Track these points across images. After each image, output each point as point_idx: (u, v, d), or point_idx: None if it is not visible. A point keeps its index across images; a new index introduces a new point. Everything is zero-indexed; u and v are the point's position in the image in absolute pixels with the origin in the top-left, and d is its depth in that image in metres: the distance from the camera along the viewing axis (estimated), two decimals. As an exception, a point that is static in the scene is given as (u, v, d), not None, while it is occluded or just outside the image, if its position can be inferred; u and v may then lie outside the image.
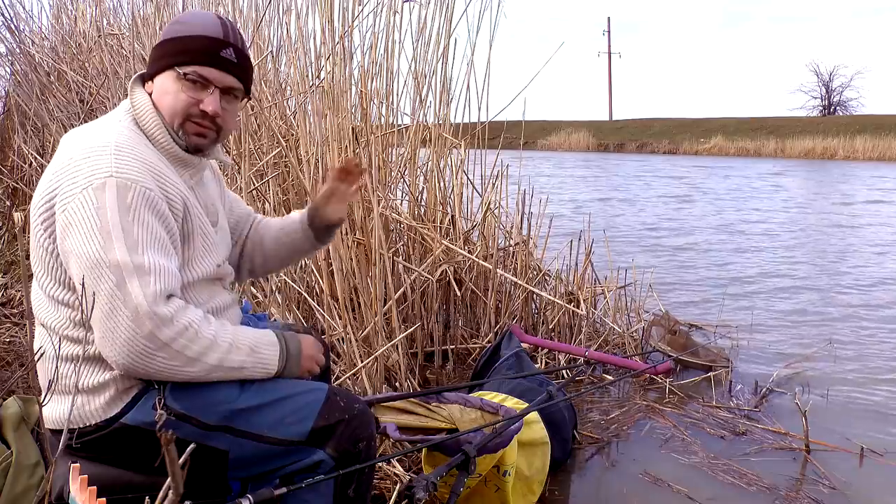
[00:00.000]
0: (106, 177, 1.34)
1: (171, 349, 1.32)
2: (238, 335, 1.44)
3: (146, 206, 1.36)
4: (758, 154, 33.29)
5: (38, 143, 4.71)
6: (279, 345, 1.51)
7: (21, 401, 1.73)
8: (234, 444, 1.44)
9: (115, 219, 1.32)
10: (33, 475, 1.61)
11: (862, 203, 13.13)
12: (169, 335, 1.31)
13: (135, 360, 1.31)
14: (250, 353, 1.44)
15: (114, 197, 1.33)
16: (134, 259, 1.31)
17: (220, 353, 1.38)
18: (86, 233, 1.32)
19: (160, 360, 1.32)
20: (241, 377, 1.44)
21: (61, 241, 1.35)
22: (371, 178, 3.23)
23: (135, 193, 1.35)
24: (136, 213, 1.34)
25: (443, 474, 1.77)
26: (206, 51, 1.48)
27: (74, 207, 1.33)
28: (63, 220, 1.34)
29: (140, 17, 4.31)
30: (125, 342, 1.30)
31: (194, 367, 1.36)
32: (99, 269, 1.30)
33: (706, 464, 2.68)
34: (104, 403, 1.40)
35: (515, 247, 3.93)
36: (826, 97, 49.69)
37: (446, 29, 3.68)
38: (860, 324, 4.83)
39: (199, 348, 1.35)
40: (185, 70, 1.47)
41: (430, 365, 3.59)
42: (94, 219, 1.32)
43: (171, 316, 1.32)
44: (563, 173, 19.65)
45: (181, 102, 1.48)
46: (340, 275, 3.00)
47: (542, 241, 4.12)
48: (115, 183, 1.33)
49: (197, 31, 1.48)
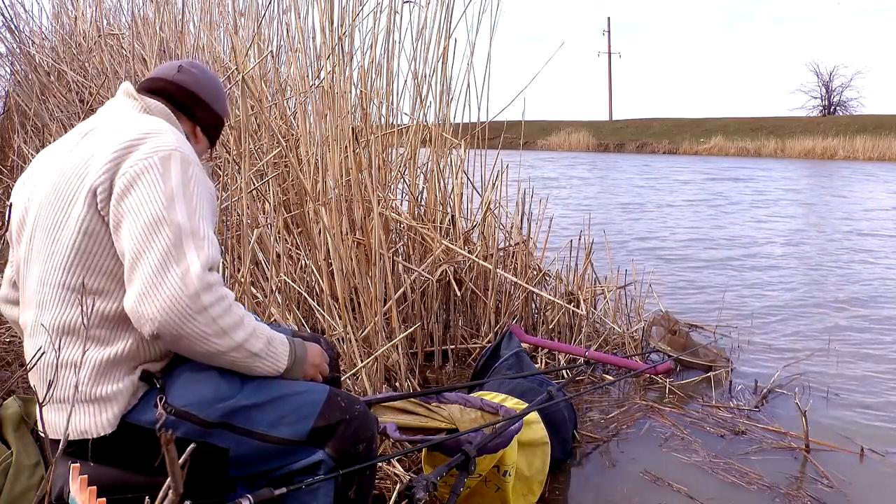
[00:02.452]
0: (171, 150, 1.43)
1: (209, 314, 1.33)
2: (259, 324, 1.46)
3: (202, 182, 1.46)
4: (758, 154, 33.27)
5: (38, 143, 4.70)
6: (289, 345, 1.52)
7: (21, 401, 1.73)
8: (233, 442, 1.44)
9: (178, 186, 1.39)
10: (33, 475, 1.61)
11: (876, 210, 13.09)
12: (210, 300, 1.33)
13: (172, 319, 1.31)
14: (267, 343, 1.46)
15: (178, 167, 1.41)
16: (192, 224, 1.37)
17: (245, 333, 1.40)
18: (150, 193, 1.37)
19: (195, 323, 1.33)
20: (252, 366, 1.44)
21: (118, 202, 1.37)
22: (371, 178, 3.24)
23: (195, 167, 1.45)
24: (196, 186, 1.43)
25: (443, 474, 1.77)
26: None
27: (139, 169, 1.38)
28: (124, 182, 1.38)
29: (140, 17, 4.31)
30: (168, 298, 1.31)
31: (222, 340, 1.36)
32: (158, 225, 1.34)
33: (706, 463, 2.68)
34: (118, 411, 1.39)
35: (515, 247, 3.93)
36: (826, 97, 49.67)
37: (446, 29, 3.69)
38: (860, 324, 4.82)
39: (231, 322, 1.37)
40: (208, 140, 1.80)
41: (430, 365, 3.59)
42: (159, 182, 1.38)
43: (215, 282, 1.35)
44: (569, 172, 19.65)
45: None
46: (340, 275, 3.00)
47: (544, 240, 4.12)
48: (179, 156, 1.43)
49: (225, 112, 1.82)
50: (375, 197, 3.06)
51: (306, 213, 3.32)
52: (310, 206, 3.24)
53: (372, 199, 3.04)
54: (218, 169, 3.52)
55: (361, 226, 3.22)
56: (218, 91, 1.76)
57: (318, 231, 3.21)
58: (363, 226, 3.21)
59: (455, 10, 3.67)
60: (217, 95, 1.75)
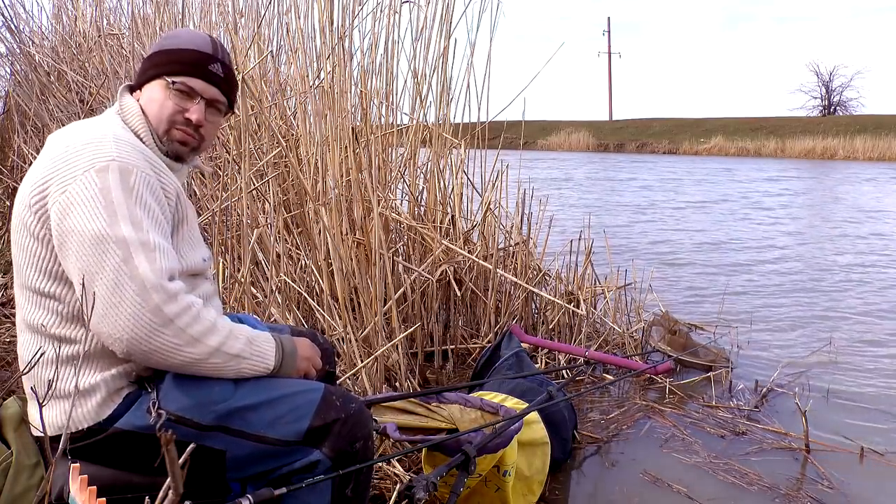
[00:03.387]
0: (108, 160, 1.38)
1: (176, 326, 1.32)
2: (235, 325, 1.45)
3: (147, 190, 1.40)
4: (758, 154, 33.28)
5: (38, 143, 4.70)
6: (275, 342, 1.52)
7: (21, 401, 1.73)
8: (230, 444, 1.44)
9: (119, 198, 1.35)
10: (33, 475, 1.61)
11: (877, 210, 13.08)
12: (174, 310, 1.32)
13: (138, 335, 1.30)
14: (248, 343, 1.45)
15: (117, 178, 1.36)
16: (140, 235, 1.34)
17: (220, 336, 1.39)
18: (90, 211, 1.33)
19: (163, 336, 1.31)
20: (238, 369, 1.43)
21: (60, 221, 1.35)
22: (371, 178, 3.24)
23: (137, 177, 1.39)
24: (139, 195, 1.38)
25: (443, 474, 1.77)
26: (195, 63, 1.56)
27: (77, 188, 1.35)
28: (63, 201, 1.35)
29: (140, 17, 4.31)
30: (130, 316, 1.29)
31: (195, 349, 1.35)
32: (104, 244, 1.31)
33: (706, 463, 2.68)
34: (95, 406, 1.40)
35: (515, 247, 3.93)
36: (826, 97, 49.68)
37: (446, 29, 3.69)
38: (860, 324, 4.82)
39: (202, 328, 1.35)
40: (174, 80, 1.55)
41: (430, 365, 3.59)
42: (98, 198, 1.34)
43: (176, 292, 1.33)
44: (569, 173, 19.64)
45: (168, 110, 1.55)
46: (340, 275, 3.00)
47: (544, 240, 4.12)
48: (117, 166, 1.38)
49: (187, 45, 1.57)
50: (375, 197, 3.06)
51: (306, 213, 3.32)
52: (310, 206, 3.24)
53: (372, 199, 3.04)
54: (218, 169, 3.52)
55: (361, 226, 3.22)
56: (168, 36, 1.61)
57: (318, 231, 3.21)
58: (363, 226, 3.21)
59: (455, 10, 3.67)
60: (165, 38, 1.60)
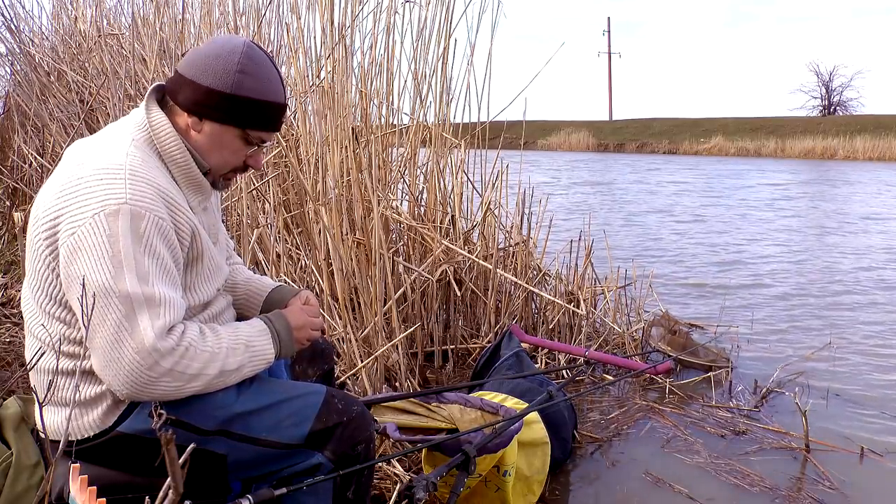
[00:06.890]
0: (120, 203, 1.31)
1: (174, 372, 1.33)
2: (231, 336, 1.44)
3: (158, 236, 1.34)
4: (758, 154, 33.27)
5: (38, 143, 4.70)
6: (269, 331, 1.50)
7: (21, 401, 1.73)
8: (232, 448, 1.44)
9: (127, 248, 1.30)
10: (33, 475, 1.61)
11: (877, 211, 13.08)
12: (170, 363, 1.32)
13: (138, 390, 1.32)
14: (246, 349, 1.44)
15: (127, 225, 1.31)
16: (144, 290, 1.30)
17: (219, 361, 1.39)
18: (97, 260, 1.30)
19: (163, 384, 1.32)
20: (242, 375, 1.44)
21: (67, 264, 1.32)
22: (371, 178, 3.23)
23: (148, 222, 1.33)
24: (149, 243, 1.33)
25: (443, 474, 1.77)
26: (278, 119, 1.52)
27: (85, 233, 1.30)
28: (71, 244, 1.31)
29: (140, 17, 4.31)
30: (128, 373, 1.30)
31: (197, 382, 1.36)
32: (108, 297, 1.29)
33: (707, 464, 2.68)
34: (100, 415, 1.41)
35: (515, 247, 3.93)
36: (826, 97, 49.63)
37: (446, 29, 3.68)
38: (860, 324, 4.82)
39: (200, 364, 1.36)
40: (254, 135, 1.49)
41: (430, 365, 3.59)
42: (106, 246, 1.30)
43: (172, 347, 1.32)
44: (570, 173, 19.64)
45: (239, 160, 1.52)
46: (340, 275, 3.00)
47: (543, 239, 4.12)
48: (129, 210, 1.31)
49: (272, 98, 1.47)
50: (375, 197, 3.06)
51: (306, 213, 3.32)
52: (310, 206, 3.24)
53: (372, 199, 3.04)
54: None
55: (361, 226, 3.22)
56: (208, 59, 1.42)
57: (318, 231, 3.21)
58: (363, 226, 3.21)
59: (455, 10, 3.67)
60: (207, 65, 1.42)
